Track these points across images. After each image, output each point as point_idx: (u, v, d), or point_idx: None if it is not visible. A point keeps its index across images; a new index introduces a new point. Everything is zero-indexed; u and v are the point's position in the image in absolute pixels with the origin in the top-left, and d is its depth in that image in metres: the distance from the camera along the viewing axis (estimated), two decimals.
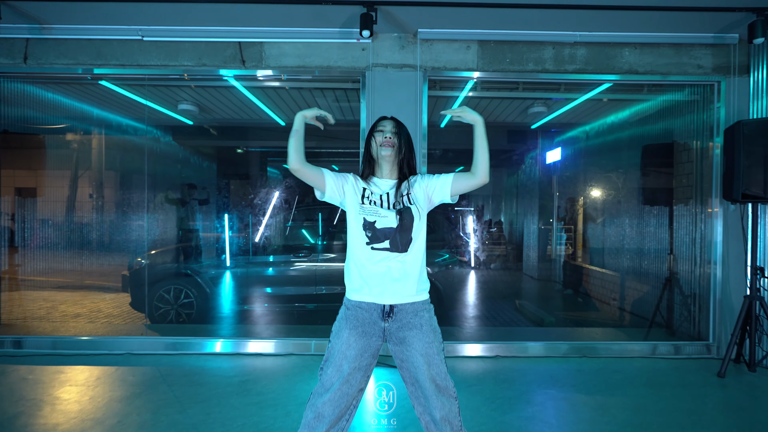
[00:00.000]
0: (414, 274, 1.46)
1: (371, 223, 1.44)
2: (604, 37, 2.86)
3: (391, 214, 1.44)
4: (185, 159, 5.60)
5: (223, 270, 4.48)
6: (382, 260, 1.43)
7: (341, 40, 2.88)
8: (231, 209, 5.07)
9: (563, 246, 5.34)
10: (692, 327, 3.14)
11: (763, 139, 2.44)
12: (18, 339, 3.00)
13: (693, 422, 2.03)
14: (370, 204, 1.46)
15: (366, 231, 1.44)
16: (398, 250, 1.43)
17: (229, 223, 4.74)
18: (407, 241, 1.44)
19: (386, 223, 1.43)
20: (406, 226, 1.43)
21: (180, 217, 4.70)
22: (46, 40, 2.89)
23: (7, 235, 3.53)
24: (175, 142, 5.21)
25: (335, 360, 1.45)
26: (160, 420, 1.99)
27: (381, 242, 1.43)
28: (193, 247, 4.68)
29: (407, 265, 1.44)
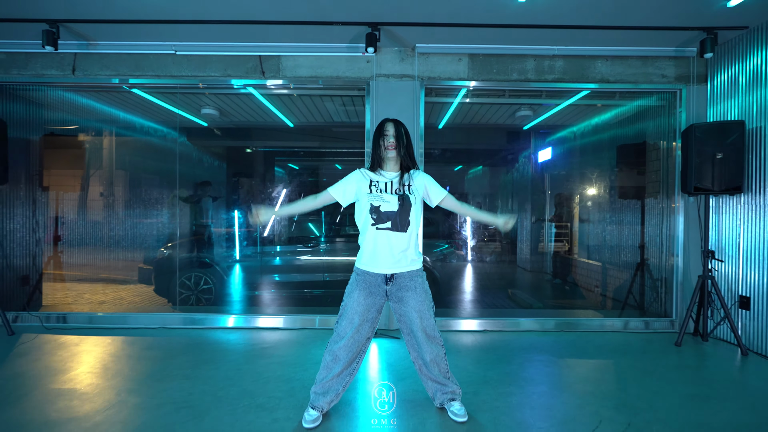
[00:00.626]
0: (411, 249, 1.86)
1: (376, 207, 1.84)
2: (579, 50, 3.26)
3: (393, 199, 1.84)
4: (200, 159, 6.01)
5: (238, 260, 4.90)
6: (386, 238, 1.83)
7: (349, 54, 3.29)
8: (243, 204, 5.48)
9: (553, 239, 5.73)
10: (660, 306, 3.53)
11: (712, 141, 2.83)
12: (62, 315, 3.42)
13: (645, 376, 2.42)
14: (377, 191, 1.86)
15: (372, 214, 1.84)
16: (398, 229, 1.83)
17: (241, 217, 5.16)
18: (406, 222, 1.84)
19: (389, 207, 1.83)
20: (405, 209, 1.84)
21: (197, 212, 5.12)
22: (92, 55, 3.31)
23: (46, 230, 3.94)
24: (191, 144, 5.63)
25: (348, 314, 1.86)
26: (199, 374, 2.40)
27: (384, 223, 1.83)
28: (210, 238, 5.10)
29: (405, 242, 1.84)
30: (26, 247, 3.64)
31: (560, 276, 5.55)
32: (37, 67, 3.33)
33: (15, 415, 1.89)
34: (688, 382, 2.36)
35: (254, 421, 1.85)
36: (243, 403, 2.02)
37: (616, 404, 2.06)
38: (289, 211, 1.90)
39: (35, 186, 3.70)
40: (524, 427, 1.83)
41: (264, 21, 2.94)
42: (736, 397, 2.17)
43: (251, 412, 1.93)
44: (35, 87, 3.55)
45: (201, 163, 6.05)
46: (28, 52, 3.30)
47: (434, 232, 5.05)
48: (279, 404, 2.02)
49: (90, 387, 2.20)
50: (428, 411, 1.96)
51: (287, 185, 6.42)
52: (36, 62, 3.33)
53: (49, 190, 3.84)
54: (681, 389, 2.25)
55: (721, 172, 2.81)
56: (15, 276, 3.58)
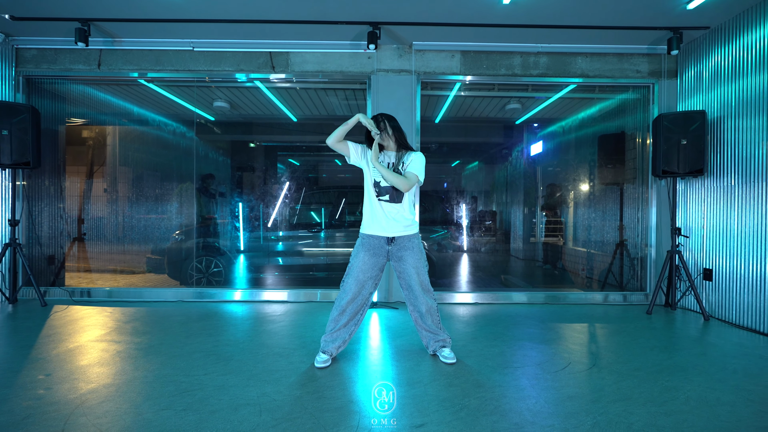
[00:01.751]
0: (406, 217, 2.17)
1: (378, 182, 2.16)
2: (561, 48, 3.58)
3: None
4: (206, 153, 6.31)
5: (245, 245, 5.21)
6: (384, 208, 2.15)
7: (352, 51, 3.60)
8: (250, 194, 5.79)
9: (543, 228, 6.06)
10: (637, 282, 3.85)
11: (678, 128, 3.16)
12: (87, 289, 3.71)
13: (615, 334, 2.74)
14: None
15: (375, 188, 2.17)
16: (395, 201, 2.15)
17: (247, 206, 5.47)
18: (401, 195, 2.16)
19: (386, 183, 2.15)
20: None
21: (206, 202, 5.42)
22: (116, 51, 3.61)
23: (69, 215, 4.24)
24: (199, 138, 5.93)
25: (354, 272, 2.17)
26: (220, 332, 2.70)
27: (384, 196, 2.16)
28: (219, 226, 5.40)
29: (400, 211, 2.16)
30: (53, 230, 3.93)
31: (550, 262, 5.88)
32: (66, 62, 3.63)
33: (70, 359, 2.19)
34: (651, 338, 2.68)
35: (273, 363, 2.16)
36: (262, 352, 2.33)
37: (585, 353, 2.38)
38: (340, 131, 2.11)
39: (61, 173, 4.00)
40: (504, 366, 2.14)
41: (274, 20, 3.24)
42: (690, 348, 2.49)
43: (270, 358, 2.24)
44: (60, 81, 3.85)
45: (207, 157, 6.35)
46: (57, 48, 3.60)
47: (431, 218, 5.36)
48: (293, 353, 2.32)
49: (124, 342, 2.50)
50: (422, 357, 2.27)
51: (289, 179, 6.72)
52: (64, 58, 3.62)
53: (71, 178, 4.13)
54: (644, 343, 2.57)
55: (685, 156, 3.14)
56: (43, 255, 3.87)
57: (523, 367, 2.13)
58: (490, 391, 1.84)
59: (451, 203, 6.12)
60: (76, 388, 1.83)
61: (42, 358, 2.20)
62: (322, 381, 1.94)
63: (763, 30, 2.79)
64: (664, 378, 2.01)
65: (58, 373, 1.99)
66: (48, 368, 2.06)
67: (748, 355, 2.36)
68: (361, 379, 1.98)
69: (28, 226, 3.73)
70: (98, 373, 2.01)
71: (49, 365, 2.10)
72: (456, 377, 1.99)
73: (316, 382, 1.93)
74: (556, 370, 2.10)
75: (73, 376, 1.96)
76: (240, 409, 1.65)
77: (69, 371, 2.02)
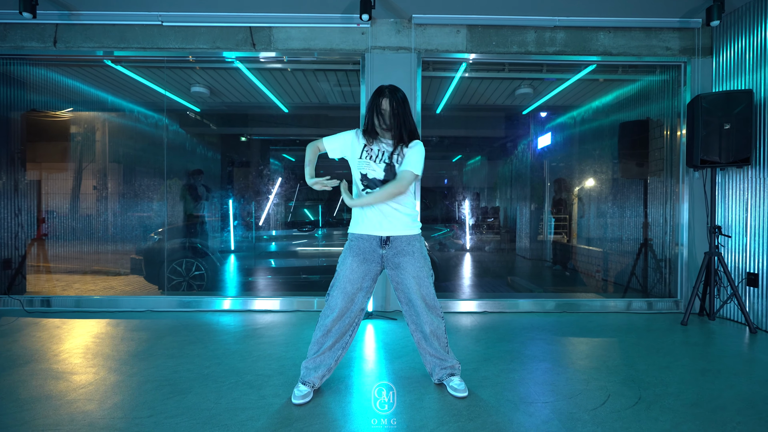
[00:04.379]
0: (401, 212, 1.75)
1: (364, 174, 1.74)
2: (581, 21, 3.14)
3: (379, 168, 1.73)
4: (193, 147, 5.86)
5: (233, 245, 4.78)
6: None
7: (343, 25, 3.16)
8: (240, 191, 5.35)
9: (553, 226, 5.63)
10: (664, 287, 3.43)
11: (719, 111, 2.73)
12: (47, 298, 3.28)
13: (652, 352, 2.32)
14: (367, 158, 1.74)
15: (362, 181, 1.75)
16: None
17: (237, 204, 5.03)
18: None
19: (375, 175, 1.73)
20: (390, 177, 1.72)
21: (190, 199, 4.98)
22: (74, 26, 3.16)
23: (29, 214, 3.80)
24: (184, 131, 5.48)
25: (340, 284, 1.74)
26: (186, 353, 2.28)
27: (373, 189, 1.72)
28: (204, 225, 4.97)
29: (393, 207, 1.73)
30: (7, 230, 3.50)
31: (560, 262, 5.46)
32: (17, 39, 3.18)
33: None
34: (696, 357, 2.26)
35: (240, 398, 1.73)
36: (229, 381, 1.90)
37: (623, 379, 1.96)
38: (309, 169, 1.78)
39: (17, 166, 3.55)
40: (528, 402, 1.72)
41: None
42: (747, 371, 2.08)
43: (237, 389, 1.81)
44: (15, 61, 3.40)
45: (195, 152, 5.91)
46: (6, 23, 3.15)
47: (432, 216, 4.94)
48: (267, 382, 1.90)
49: (68, 366, 2.07)
50: (426, 387, 1.85)
51: (281, 174, 6.29)
52: (15, 34, 3.17)
53: (31, 171, 3.69)
54: (690, 364, 2.15)
55: (728, 143, 2.71)
56: None
57: (553, 403, 1.70)
58: None
59: (453, 200, 5.69)
60: None
61: None
62: (299, 425, 1.51)
63: None
64: (733, 417, 1.59)
65: None
66: None
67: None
68: (351, 423, 1.56)
69: None
70: (17, 415, 1.58)
71: None
72: (470, 419, 1.57)
73: (291, 426, 1.50)
74: (595, 406, 1.67)
75: None
76: None
77: None
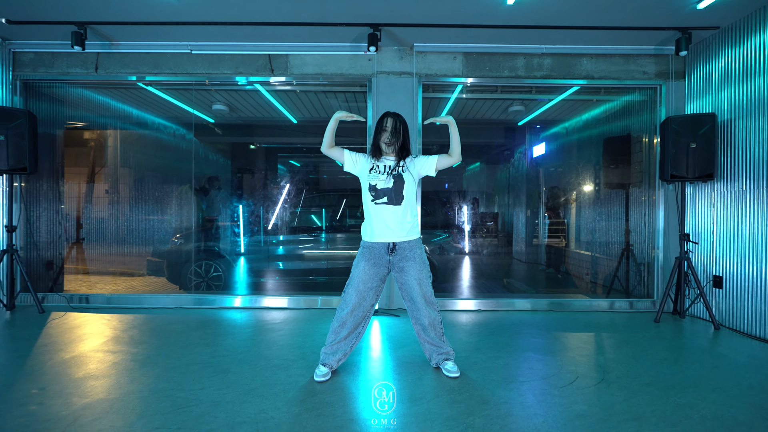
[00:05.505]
0: (406, 221, 2.11)
1: (374, 185, 2.10)
2: (565, 49, 3.50)
3: (388, 178, 2.10)
4: (206, 155, 6.26)
5: (246, 248, 5.16)
6: (383, 211, 2.08)
7: (352, 53, 3.54)
8: (250, 197, 5.74)
9: (547, 231, 5.97)
10: (643, 288, 3.77)
11: (687, 132, 3.07)
12: (85, 296, 3.67)
13: (623, 345, 2.67)
14: (375, 173, 2.12)
15: (371, 192, 2.10)
16: (393, 203, 2.09)
17: (248, 209, 5.42)
18: (400, 197, 2.09)
19: (384, 185, 2.09)
20: (398, 186, 2.09)
21: (207, 204, 5.37)
22: (113, 54, 3.56)
23: (68, 219, 4.20)
24: (202, 142, 5.88)
25: (355, 283, 2.10)
26: (218, 342, 2.65)
27: (381, 198, 2.09)
28: (220, 229, 5.35)
29: (401, 214, 2.09)
30: (51, 234, 3.89)
31: (553, 266, 5.80)
32: (63, 66, 3.58)
33: (61, 371, 2.14)
34: (661, 349, 2.60)
35: (271, 376, 2.10)
36: (260, 364, 2.27)
37: (593, 365, 2.30)
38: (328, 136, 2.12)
39: (59, 177, 3.96)
40: (509, 380, 2.07)
41: (273, 22, 3.18)
42: (701, 360, 2.42)
43: (268, 370, 2.18)
44: (58, 85, 3.81)
45: (208, 159, 6.31)
46: (54, 52, 3.56)
47: (432, 221, 5.29)
48: (292, 365, 2.26)
49: (121, 352, 2.45)
50: (425, 370, 2.21)
51: (289, 181, 6.67)
52: (62, 61, 3.58)
53: (69, 182, 4.09)
54: (653, 354, 2.49)
55: (694, 160, 3.06)
56: (41, 260, 3.83)
57: (529, 382, 2.06)
58: (496, 408, 1.77)
59: (452, 206, 6.05)
60: (70, 404, 1.77)
61: (36, 369, 2.15)
62: (322, 396, 1.88)
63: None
64: (676, 394, 1.93)
65: (52, 387, 1.94)
66: (42, 381, 2.01)
67: (762, 368, 2.28)
68: (363, 394, 1.92)
69: (25, 231, 3.69)
70: (93, 386, 1.95)
71: (43, 378, 2.05)
72: (460, 393, 1.92)
73: (316, 397, 1.87)
74: (564, 384, 2.03)
75: (67, 390, 1.91)
76: (237, 428, 1.59)
77: (63, 384, 1.97)
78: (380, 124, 2.15)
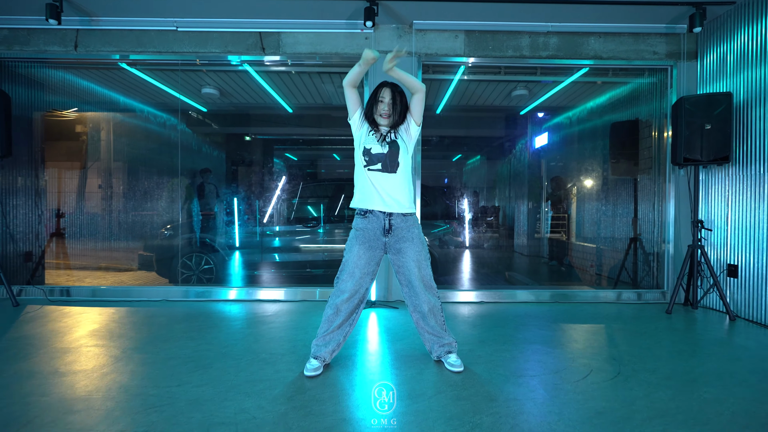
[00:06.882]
0: (402, 190, 1.93)
1: (368, 149, 1.92)
2: (572, 27, 3.32)
3: (384, 145, 1.91)
4: (200, 146, 6.05)
5: (240, 241, 4.97)
6: (377, 178, 1.91)
7: (347, 31, 3.34)
8: (245, 189, 5.54)
9: (549, 223, 5.81)
10: (652, 279, 3.61)
11: (701, 112, 2.90)
12: (66, 288, 3.47)
13: (636, 336, 2.51)
14: (372, 135, 1.94)
15: (365, 156, 1.92)
16: (388, 170, 1.91)
17: (242, 201, 5.22)
18: (395, 164, 1.91)
19: (378, 150, 1.91)
20: (393, 153, 1.91)
21: (199, 196, 5.17)
22: (94, 31, 3.35)
23: (48, 208, 3.98)
24: (191, 130, 5.66)
25: (349, 268, 1.92)
26: (203, 336, 2.46)
27: (375, 165, 1.91)
28: (212, 221, 5.16)
29: (396, 184, 1.92)
30: (29, 224, 3.68)
31: (556, 258, 5.64)
32: (40, 44, 3.36)
33: (26, 366, 1.95)
34: (676, 341, 2.44)
35: (257, 371, 1.92)
36: (246, 358, 2.09)
37: (606, 357, 2.14)
38: (355, 73, 1.90)
39: (38, 164, 3.74)
40: (517, 375, 1.90)
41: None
42: (720, 352, 2.26)
43: (254, 365, 2.00)
44: (37, 65, 3.59)
45: (201, 150, 6.10)
46: (30, 28, 3.34)
47: (432, 213, 5.11)
48: (281, 359, 2.08)
49: (96, 346, 2.26)
50: (426, 363, 2.04)
51: (285, 173, 6.47)
52: (38, 38, 3.36)
53: (50, 169, 3.88)
54: (669, 346, 2.33)
55: (709, 142, 2.89)
56: (18, 252, 3.62)
57: (540, 376, 1.89)
58: (505, 405, 1.60)
59: (453, 197, 5.87)
60: (27, 403, 1.59)
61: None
62: (312, 393, 1.70)
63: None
64: (700, 388, 1.77)
65: (11, 385, 1.75)
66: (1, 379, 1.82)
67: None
68: (357, 391, 1.74)
69: (0, 221, 3.48)
70: (56, 384, 1.76)
71: (3, 376, 1.86)
72: (464, 388, 1.75)
73: (305, 394, 1.69)
74: (577, 379, 1.86)
75: (24, 389, 1.72)
76: (213, 429, 1.41)
77: (22, 382, 1.78)
78: (375, 94, 1.97)
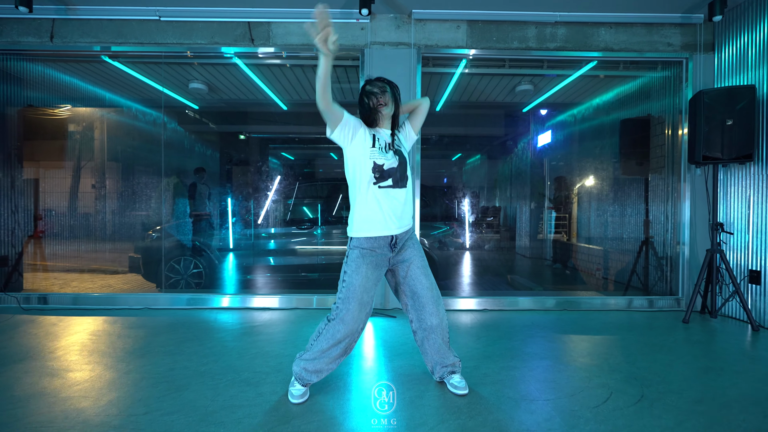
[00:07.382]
0: (410, 205, 1.73)
1: (380, 165, 1.63)
2: (582, 17, 3.12)
3: (393, 156, 1.68)
4: (191, 145, 5.84)
5: (232, 243, 4.76)
6: (388, 196, 1.64)
7: (342, 20, 3.13)
8: (239, 189, 5.32)
9: (553, 225, 5.61)
10: (665, 285, 3.41)
11: (721, 107, 2.70)
12: (43, 295, 3.25)
13: (654, 350, 2.30)
14: (380, 148, 1.65)
15: (374, 173, 1.62)
16: (399, 186, 1.67)
17: (236, 202, 5.01)
18: (405, 177, 1.69)
19: (391, 164, 1.65)
20: (402, 164, 1.69)
21: (189, 197, 4.96)
22: (71, 21, 3.13)
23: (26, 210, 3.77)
24: (182, 128, 5.45)
25: (357, 293, 1.61)
26: (183, 350, 2.25)
27: (386, 181, 1.64)
28: (203, 223, 4.94)
29: (406, 198, 1.69)
30: (4, 227, 3.46)
31: (560, 261, 5.44)
32: (13, 34, 3.15)
33: None
34: (699, 355, 2.24)
35: (237, 395, 1.71)
36: (226, 378, 1.88)
37: (625, 377, 1.93)
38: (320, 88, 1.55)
39: (14, 162, 3.52)
40: (529, 399, 1.70)
41: None
42: (750, 369, 2.05)
43: (234, 387, 1.79)
44: (11, 57, 3.37)
45: (192, 150, 5.89)
46: (2, 18, 3.12)
47: (431, 214, 4.91)
48: (265, 379, 1.87)
49: (63, 363, 2.04)
50: (427, 384, 1.83)
51: (281, 173, 6.27)
52: (11, 29, 3.14)
53: (27, 168, 3.66)
54: (692, 362, 2.13)
55: (731, 139, 2.68)
56: None
57: (554, 400, 1.68)
58: None
59: (453, 198, 5.67)
60: None
61: None
62: (296, 424, 1.49)
63: None
64: (737, 416, 1.56)
65: None
66: None
67: None
68: (350, 420, 1.53)
69: None
70: (2, 413, 1.55)
71: None
72: (470, 416, 1.54)
73: (289, 425, 1.48)
74: (597, 404, 1.65)
75: None
76: None
77: None
78: (362, 95, 1.70)
